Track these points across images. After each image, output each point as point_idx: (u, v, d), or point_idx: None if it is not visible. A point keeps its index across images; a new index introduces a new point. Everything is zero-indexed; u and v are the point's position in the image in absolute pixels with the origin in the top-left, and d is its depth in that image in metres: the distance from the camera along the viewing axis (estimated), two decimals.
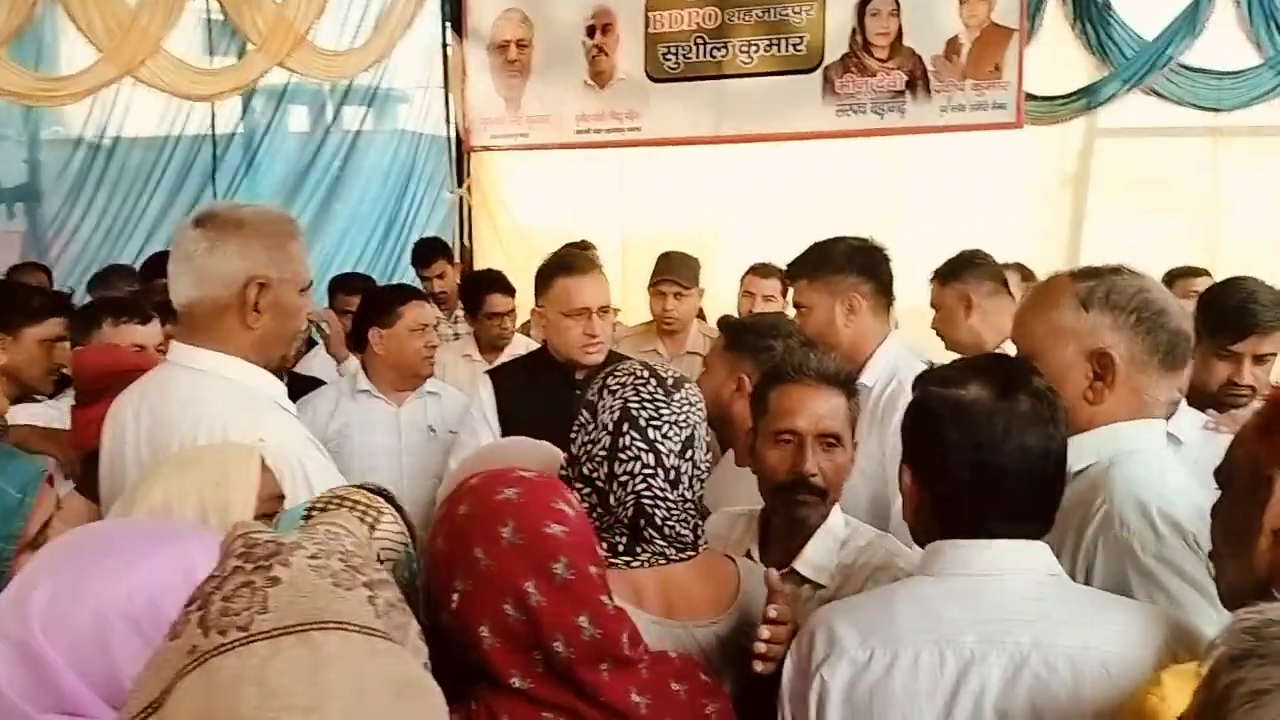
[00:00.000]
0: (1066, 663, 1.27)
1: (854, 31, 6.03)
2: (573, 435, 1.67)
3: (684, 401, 1.64)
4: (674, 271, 4.29)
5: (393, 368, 3.47)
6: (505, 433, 2.92)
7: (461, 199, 7.18)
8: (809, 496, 1.91)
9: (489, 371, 3.19)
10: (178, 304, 1.95)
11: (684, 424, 1.62)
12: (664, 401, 1.63)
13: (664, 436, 1.61)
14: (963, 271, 3.52)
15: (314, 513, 1.35)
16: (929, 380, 1.51)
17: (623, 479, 1.59)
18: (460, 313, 5.24)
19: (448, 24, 6.94)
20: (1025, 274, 4.65)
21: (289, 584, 0.90)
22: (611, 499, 1.60)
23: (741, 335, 2.44)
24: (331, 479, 1.94)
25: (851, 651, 1.35)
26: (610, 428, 1.61)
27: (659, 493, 1.59)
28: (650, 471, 1.59)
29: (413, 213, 7.43)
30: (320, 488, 1.86)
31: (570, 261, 3.00)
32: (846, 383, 2.01)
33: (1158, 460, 1.68)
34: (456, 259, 7.25)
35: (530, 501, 1.37)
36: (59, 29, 6.47)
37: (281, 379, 2.10)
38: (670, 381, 1.66)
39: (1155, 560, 1.52)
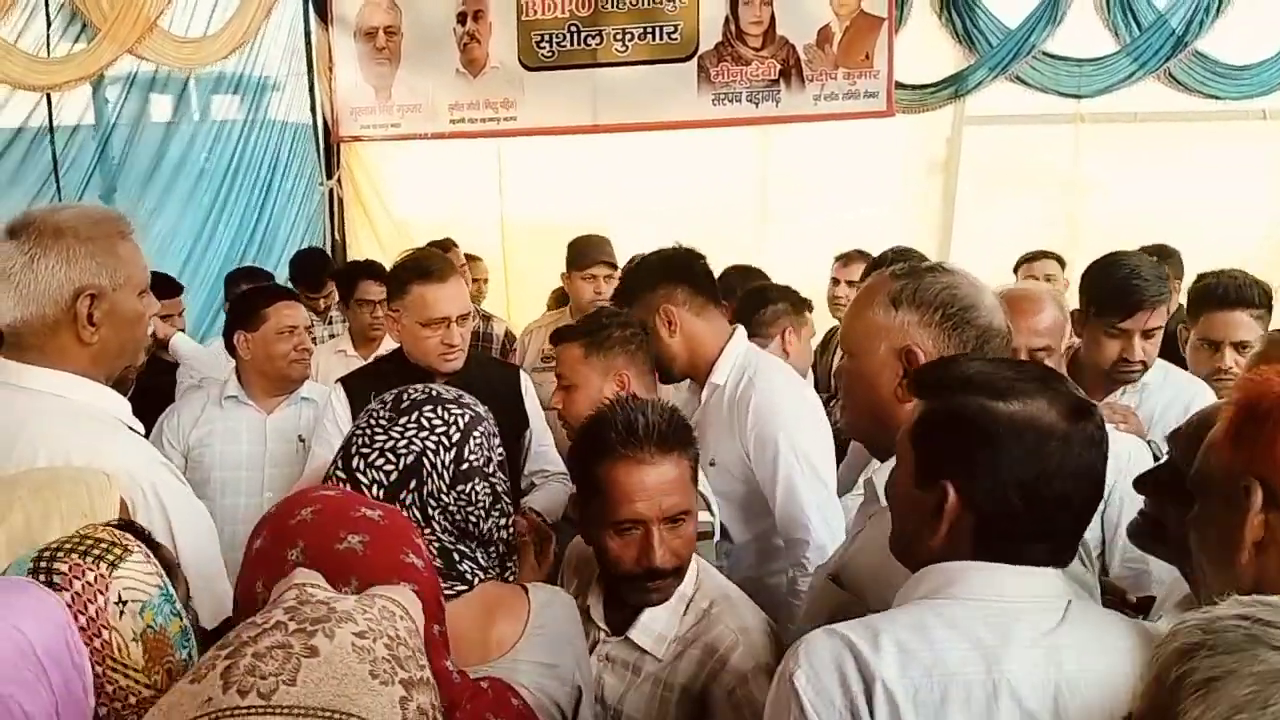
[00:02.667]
0: (1110, 692, 1.21)
1: (727, 20, 6.03)
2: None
3: (412, 425, 1.51)
4: (603, 253, 4.17)
5: (261, 373, 3.30)
6: None
7: (332, 191, 6.95)
8: (661, 582, 1.73)
9: (342, 379, 3.02)
10: (2, 326, 1.77)
11: (403, 451, 1.49)
12: (384, 426, 1.52)
13: (370, 466, 1.49)
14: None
15: (42, 556, 1.20)
16: (972, 387, 1.32)
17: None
18: (335, 313, 5.08)
19: (310, 10, 6.69)
20: (1061, 262, 4.70)
21: (325, 660, 0.82)
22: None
23: (595, 334, 2.36)
24: (187, 505, 1.82)
25: (891, 685, 1.21)
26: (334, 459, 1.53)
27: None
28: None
29: (282, 205, 7.15)
30: (176, 515, 1.74)
31: (427, 266, 2.83)
32: (682, 437, 1.75)
33: None
34: (328, 252, 7.07)
35: (376, 555, 1.19)
36: None
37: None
38: (408, 403, 1.54)
39: None
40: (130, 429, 1.86)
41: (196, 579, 1.42)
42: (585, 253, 4.14)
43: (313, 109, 6.89)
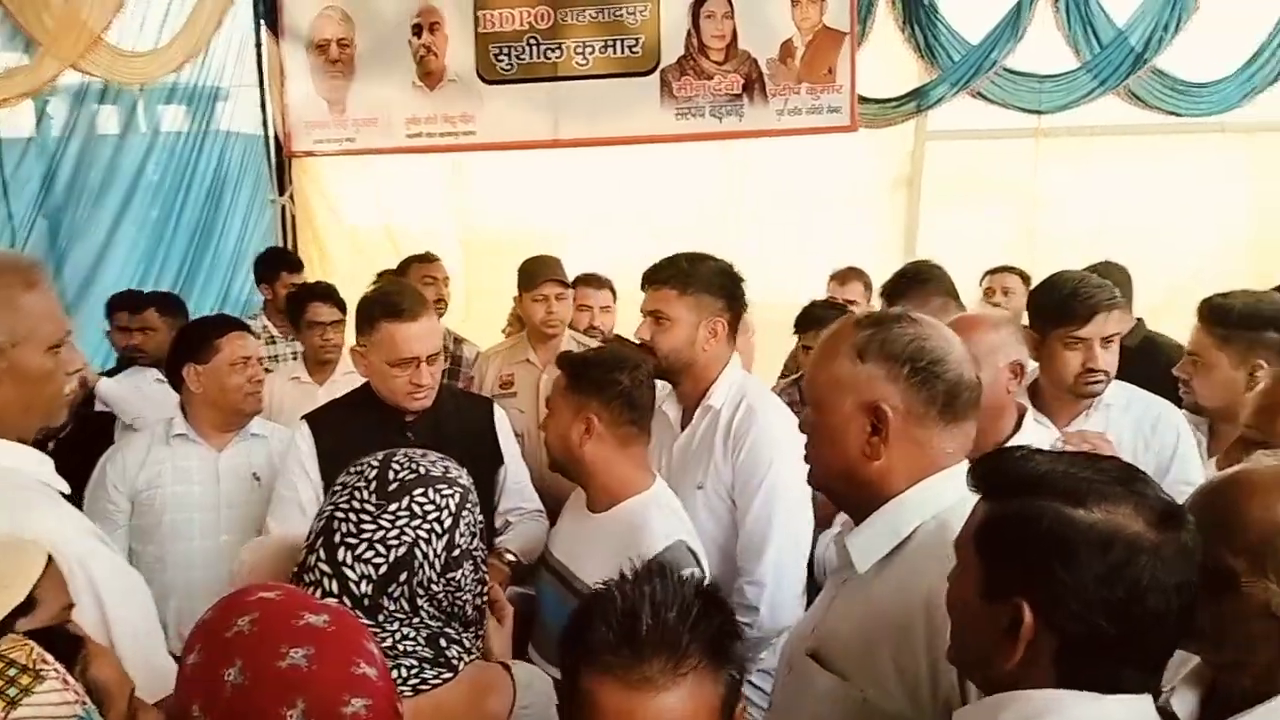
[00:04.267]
0: None
1: (689, 34, 5.96)
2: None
3: (403, 513, 1.41)
4: (554, 271, 4.07)
5: (213, 407, 3.14)
6: (330, 479, 2.67)
7: (284, 207, 6.78)
8: None
9: (307, 417, 2.87)
10: None
11: (393, 542, 1.39)
12: (371, 513, 1.41)
13: (358, 559, 1.38)
14: (908, 289, 3.36)
15: None
16: (1045, 489, 1.18)
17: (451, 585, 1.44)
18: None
19: (261, 22, 6.53)
20: (1024, 277, 4.64)
21: None
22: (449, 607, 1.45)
23: (584, 372, 2.26)
24: (120, 579, 1.68)
25: None
26: (309, 538, 1.42)
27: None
28: (335, 600, 1.36)
29: (232, 221, 6.96)
30: (108, 591, 1.61)
31: (398, 304, 2.67)
32: (714, 644, 1.24)
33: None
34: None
35: (324, 670, 1.07)
36: None
37: None
38: (396, 485, 1.44)
39: None
40: (58, 492, 1.72)
41: (133, 657, 1.32)
42: (534, 273, 4.05)
43: (264, 122, 6.73)
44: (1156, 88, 5.98)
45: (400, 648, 1.38)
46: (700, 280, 2.63)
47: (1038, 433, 2.46)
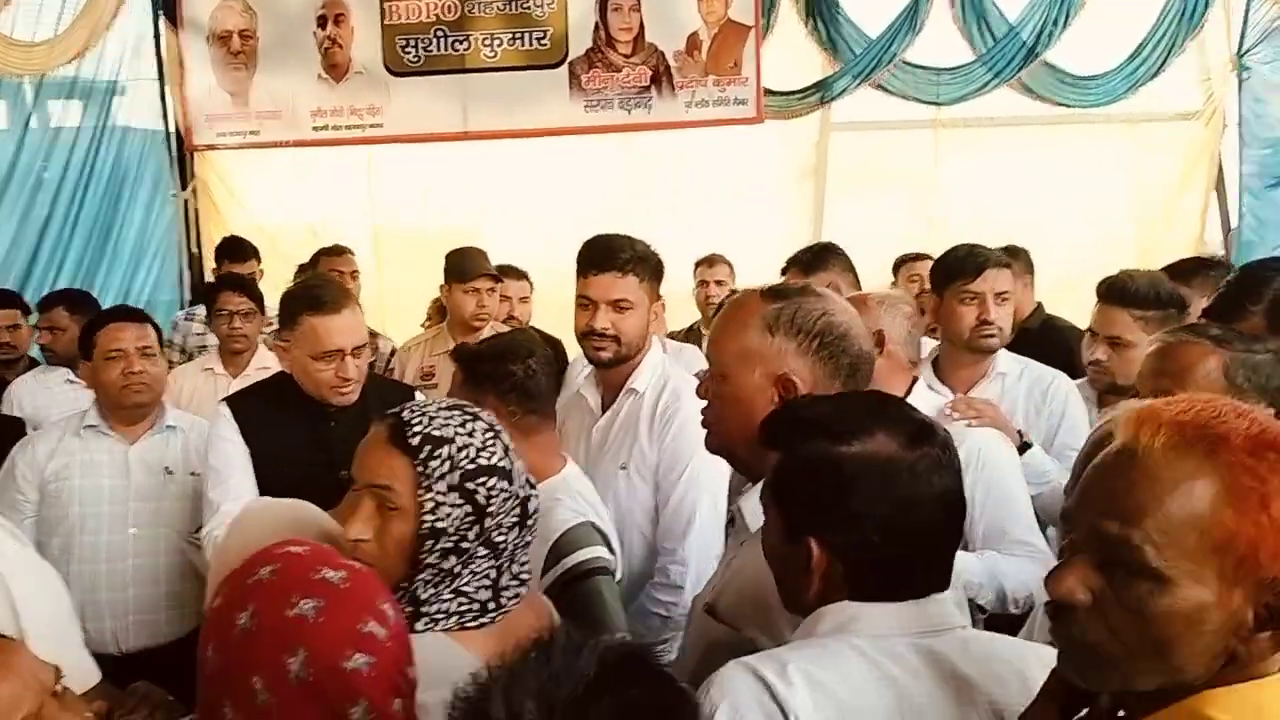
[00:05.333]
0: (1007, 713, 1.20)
1: (597, 27, 6.02)
2: (489, 508, 1.48)
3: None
4: (486, 266, 4.07)
5: (103, 400, 3.08)
6: (255, 462, 2.65)
7: (187, 202, 6.63)
8: None
9: (227, 399, 2.82)
10: None
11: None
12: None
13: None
14: (826, 261, 3.39)
15: None
16: (814, 432, 1.29)
17: (521, 545, 1.54)
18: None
19: (160, 13, 6.37)
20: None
21: None
22: (507, 566, 1.52)
23: (477, 366, 2.25)
24: (31, 571, 1.67)
25: (807, 714, 1.16)
26: (521, 495, 1.53)
27: (533, 535, 1.57)
28: (536, 522, 1.56)
29: (133, 216, 6.77)
30: (17, 583, 1.60)
31: (320, 296, 2.63)
32: None
33: None
34: (184, 266, 6.75)
35: (330, 623, 1.09)
36: None
37: None
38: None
39: None
40: None
41: (47, 650, 1.31)
42: (466, 266, 4.03)
43: (164, 116, 6.56)
44: (1047, 80, 6.24)
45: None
46: (650, 265, 2.66)
47: (927, 398, 2.56)
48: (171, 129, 6.61)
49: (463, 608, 1.47)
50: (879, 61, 6.21)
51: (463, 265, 4.03)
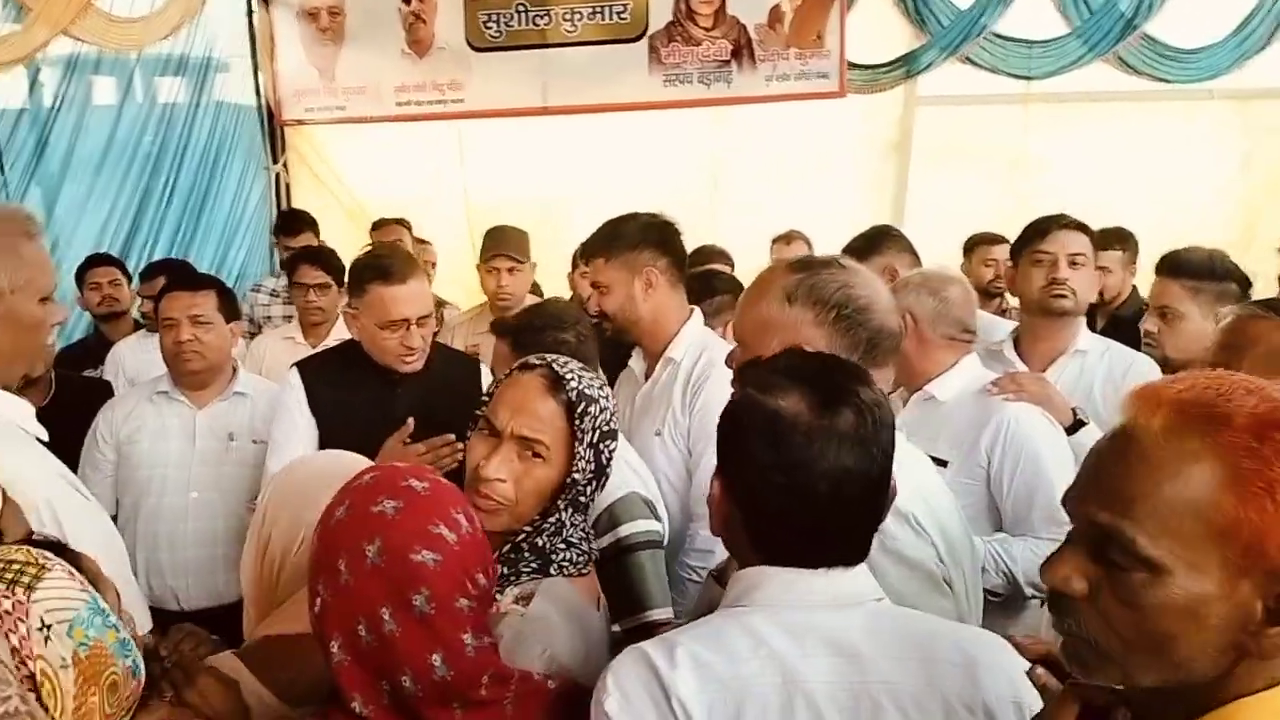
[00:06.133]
0: (914, 704, 1.19)
1: (677, 1, 5.95)
2: (607, 469, 1.62)
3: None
4: (505, 246, 4.11)
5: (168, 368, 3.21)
6: (320, 430, 2.73)
7: (278, 175, 6.81)
8: None
9: (298, 364, 2.90)
10: None
11: None
12: None
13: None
14: (881, 244, 3.41)
15: None
16: (749, 379, 1.34)
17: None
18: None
19: None
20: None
21: None
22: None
23: (524, 336, 2.28)
24: (86, 522, 1.72)
25: (691, 699, 1.18)
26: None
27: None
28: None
29: (227, 189, 6.99)
30: (75, 534, 1.64)
31: (387, 266, 2.70)
32: None
33: None
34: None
35: (405, 521, 1.24)
36: None
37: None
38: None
39: (879, 550, 1.48)
40: (35, 438, 1.78)
41: None
42: (488, 246, 4.13)
43: (257, 91, 6.73)
44: (1146, 54, 6.00)
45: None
46: (623, 239, 2.71)
47: (973, 373, 2.57)
48: (264, 105, 6.78)
49: (577, 557, 1.57)
50: (968, 34, 6.04)
51: (485, 245, 4.12)
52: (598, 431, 1.55)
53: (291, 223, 5.42)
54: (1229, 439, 0.86)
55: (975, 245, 5.00)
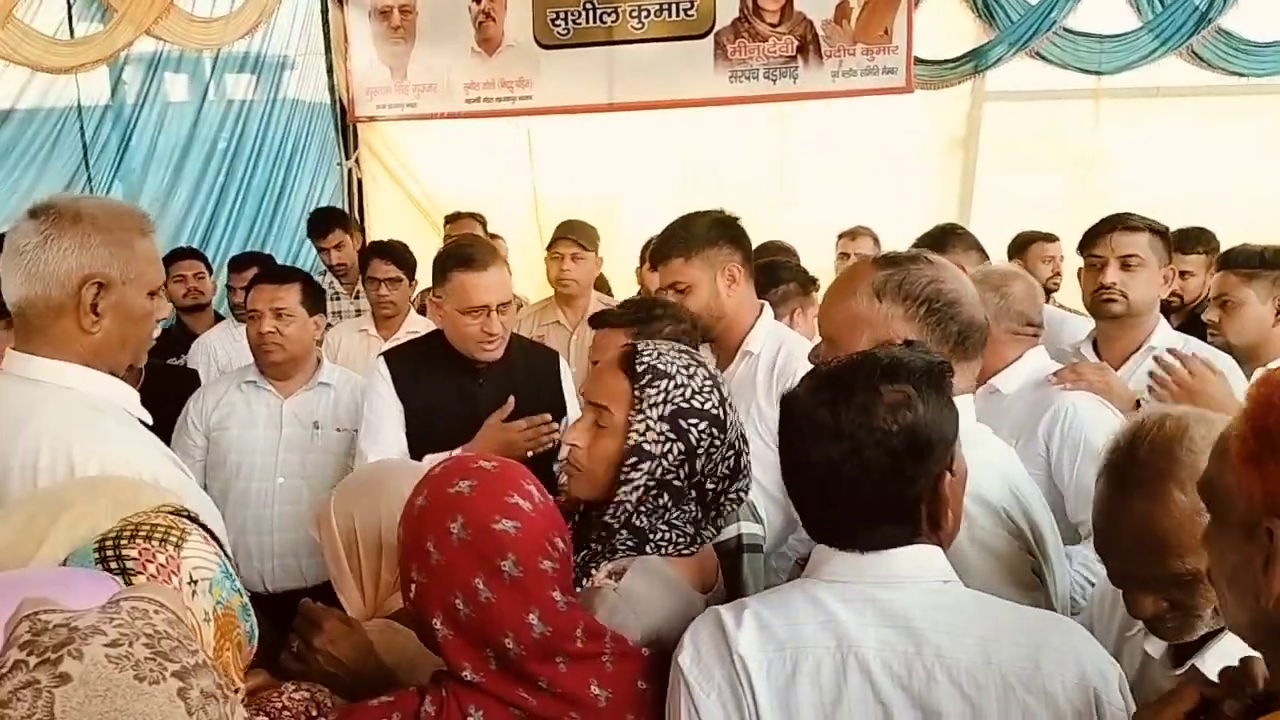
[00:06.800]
0: (969, 679, 1.22)
1: None
2: (699, 449, 1.58)
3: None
4: (570, 231, 4.18)
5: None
6: (406, 417, 2.81)
7: (350, 171, 6.95)
8: None
9: (384, 354, 2.99)
10: (9, 303, 1.76)
11: None
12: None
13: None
14: (947, 243, 3.39)
15: (106, 544, 1.20)
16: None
17: (733, 494, 1.63)
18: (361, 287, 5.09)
19: None
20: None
21: (80, 682, 0.76)
22: (712, 504, 1.62)
23: (638, 326, 2.34)
24: (193, 499, 1.80)
25: (751, 656, 1.28)
26: (736, 445, 1.63)
27: (746, 491, 1.66)
28: (749, 481, 1.66)
29: (301, 185, 7.16)
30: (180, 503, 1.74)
31: (470, 254, 2.79)
32: None
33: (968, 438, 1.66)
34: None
35: (481, 496, 1.35)
36: None
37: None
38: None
39: (967, 541, 1.51)
40: (140, 421, 1.85)
41: None
42: (554, 233, 4.20)
43: (331, 88, 6.88)
44: (1220, 47, 5.90)
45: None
46: (699, 238, 2.71)
47: (1036, 365, 2.61)
48: (337, 101, 6.93)
49: (678, 538, 1.62)
50: (1037, 29, 5.99)
51: (553, 234, 4.19)
52: (672, 405, 1.57)
53: (320, 224, 5.34)
54: None
55: (1027, 243, 4.98)
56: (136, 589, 0.93)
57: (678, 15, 6.10)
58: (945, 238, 3.44)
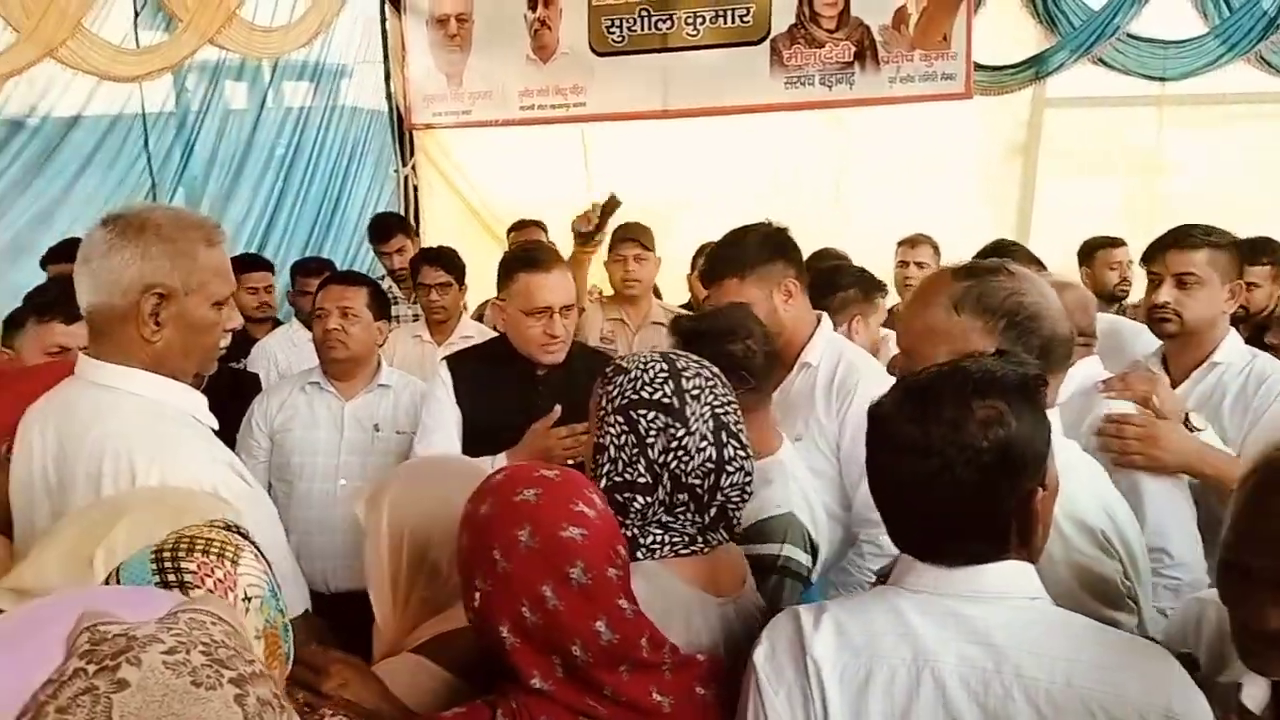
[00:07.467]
0: (1048, 700, 1.19)
1: (801, 3, 5.94)
2: (648, 439, 1.58)
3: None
4: (632, 233, 4.20)
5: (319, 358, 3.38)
6: (465, 420, 2.83)
7: (406, 177, 7.01)
8: None
9: (447, 359, 3.03)
10: (81, 308, 1.80)
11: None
12: (735, 400, 1.64)
13: (746, 437, 1.62)
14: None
15: (163, 557, 1.22)
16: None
17: (726, 489, 1.59)
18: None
19: None
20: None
21: (138, 688, 0.77)
22: (707, 504, 1.59)
23: (694, 341, 2.30)
24: (250, 508, 1.80)
25: (826, 660, 1.28)
26: (711, 438, 1.59)
27: (749, 494, 1.62)
28: (748, 477, 1.61)
29: (357, 191, 7.24)
30: (236, 518, 1.74)
31: (534, 256, 2.83)
32: None
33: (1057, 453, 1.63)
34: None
35: (548, 504, 1.36)
36: None
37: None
38: (721, 374, 1.67)
39: (1061, 561, 1.47)
40: (207, 426, 1.86)
41: None
42: (615, 235, 4.19)
43: (388, 96, 6.95)
44: None
45: None
46: (752, 256, 2.64)
47: (1087, 372, 2.55)
48: (394, 109, 6.98)
49: (674, 539, 1.60)
50: (1100, 34, 5.89)
51: (613, 237, 4.19)
52: (623, 398, 1.59)
53: (383, 229, 5.41)
54: None
55: (1094, 250, 4.92)
56: (193, 601, 0.94)
57: (733, 22, 6.08)
58: (1000, 255, 3.38)
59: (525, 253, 2.90)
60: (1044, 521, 1.31)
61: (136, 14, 6.08)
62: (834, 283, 3.47)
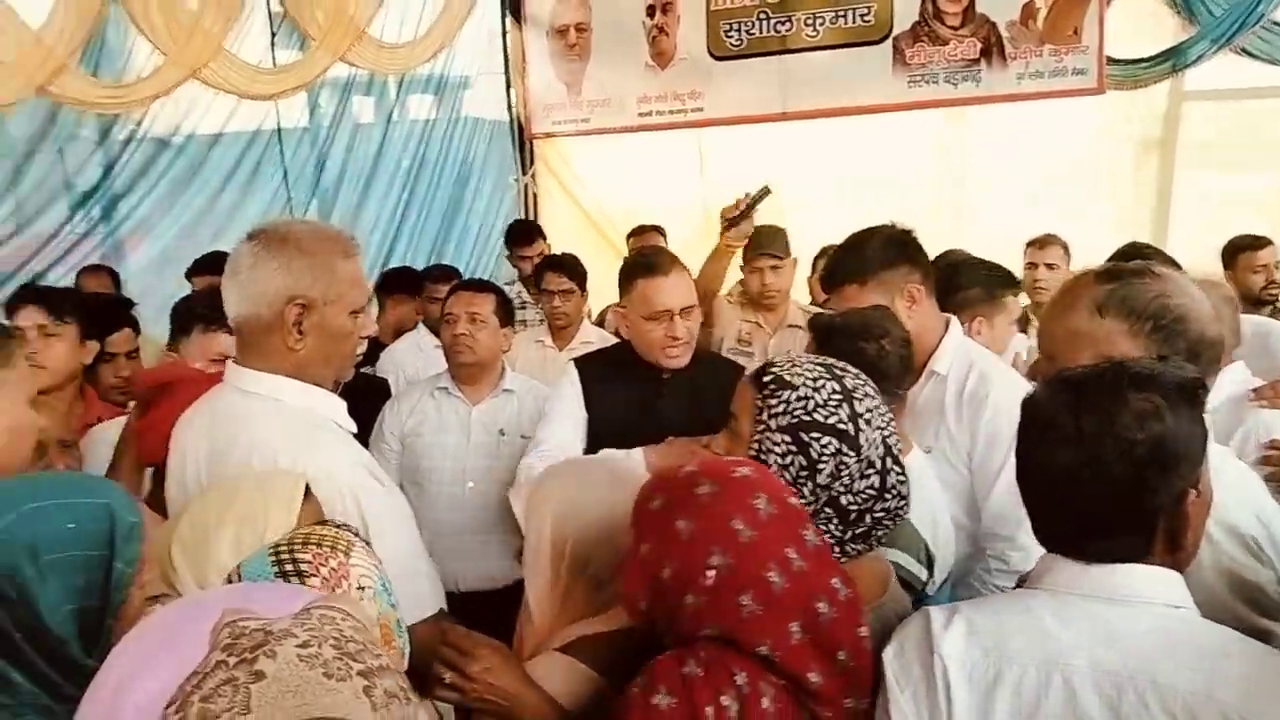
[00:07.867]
0: (1185, 710, 1.14)
1: (924, 1, 5.83)
2: (820, 464, 1.55)
3: None
4: (768, 244, 4.15)
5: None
6: (590, 424, 2.85)
7: (526, 186, 7.14)
8: None
9: (575, 360, 3.05)
10: (230, 319, 1.89)
11: None
12: (894, 425, 1.63)
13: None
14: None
15: (280, 551, 1.29)
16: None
17: (878, 514, 1.58)
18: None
19: (506, 11, 6.88)
20: None
21: (274, 678, 0.83)
22: (855, 523, 1.58)
23: (829, 338, 2.26)
24: (387, 508, 1.85)
25: (954, 659, 1.27)
26: (878, 465, 1.58)
27: (901, 518, 1.61)
28: (903, 501, 1.60)
29: (479, 200, 7.41)
30: (373, 518, 1.78)
31: (652, 261, 2.84)
32: None
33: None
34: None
35: (767, 477, 1.43)
36: (122, 30, 6.53)
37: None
38: (870, 381, 1.66)
39: (1212, 570, 1.41)
40: (347, 431, 1.93)
41: (395, 576, 1.46)
42: (751, 244, 4.10)
43: (508, 106, 7.08)
44: None
45: None
46: (873, 261, 2.56)
47: (1234, 378, 2.50)
48: (515, 119, 7.12)
49: None
50: (1243, 23, 5.60)
51: (750, 244, 4.10)
52: (791, 417, 1.55)
53: (524, 234, 5.57)
54: None
55: (1237, 252, 4.67)
56: (325, 599, 0.99)
57: (854, 21, 6.00)
58: (1135, 257, 3.25)
59: (643, 258, 2.91)
60: (1195, 527, 1.26)
61: (274, 34, 6.34)
62: (954, 282, 3.37)
